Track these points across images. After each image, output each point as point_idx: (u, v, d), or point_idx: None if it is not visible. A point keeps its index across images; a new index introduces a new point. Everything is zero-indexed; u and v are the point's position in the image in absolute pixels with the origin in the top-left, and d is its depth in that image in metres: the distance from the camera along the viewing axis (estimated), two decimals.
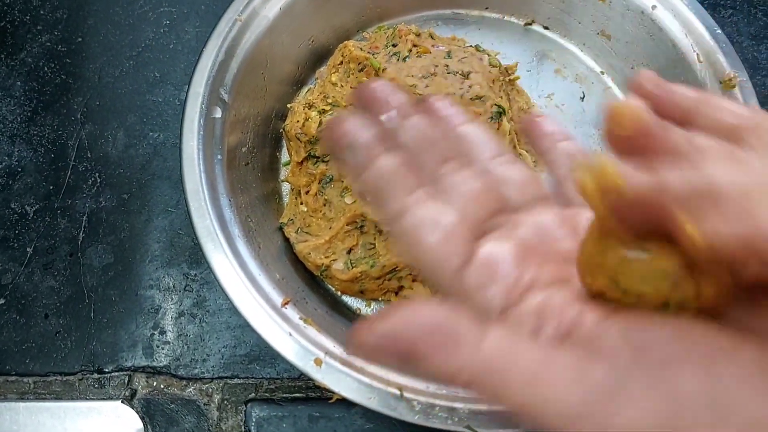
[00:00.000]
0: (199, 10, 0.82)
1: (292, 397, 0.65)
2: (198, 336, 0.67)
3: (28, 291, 0.68)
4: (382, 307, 0.67)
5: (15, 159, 0.73)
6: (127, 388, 0.65)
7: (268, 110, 0.72)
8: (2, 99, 0.76)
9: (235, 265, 0.59)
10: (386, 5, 0.79)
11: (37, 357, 0.66)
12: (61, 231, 0.70)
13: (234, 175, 0.65)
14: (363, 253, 0.64)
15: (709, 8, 0.83)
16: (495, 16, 0.82)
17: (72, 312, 0.67)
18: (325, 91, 0.72)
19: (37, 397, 0.65)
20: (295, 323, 0.58)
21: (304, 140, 0.67)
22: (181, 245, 0.70)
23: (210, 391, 0.65)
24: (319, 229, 0.66)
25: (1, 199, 0.72)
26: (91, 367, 0.66)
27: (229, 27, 0.67)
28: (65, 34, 0.80)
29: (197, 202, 0.60)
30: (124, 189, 0.72)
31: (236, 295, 0.58)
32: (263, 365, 0.66)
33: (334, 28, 0.77)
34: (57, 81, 0.77)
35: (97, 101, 0.76)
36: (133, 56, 0.79)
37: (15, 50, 0.79)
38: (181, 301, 0.68)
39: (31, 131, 0.75)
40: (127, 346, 0.66)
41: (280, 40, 0.71)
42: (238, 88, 0.67)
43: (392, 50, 0.72)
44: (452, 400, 0.55)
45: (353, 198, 0.64)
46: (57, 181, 0.72)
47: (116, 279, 0.69)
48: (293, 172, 0.69)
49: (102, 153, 0.74)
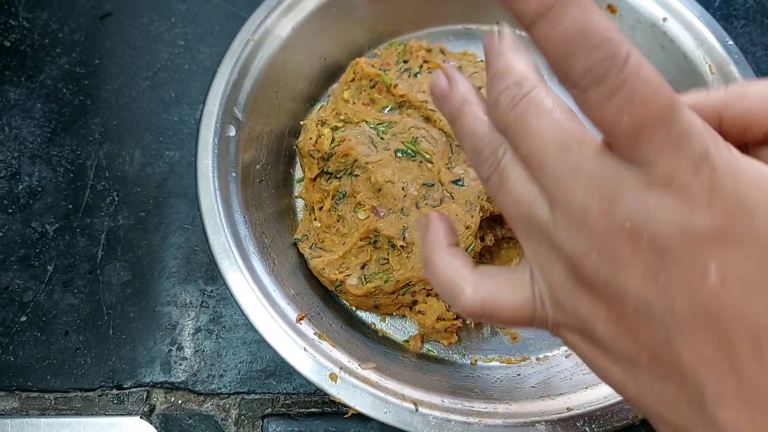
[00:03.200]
0: (213, 31, 0.83)
1: (308, 412, 0.65)
2: (215, 352, 0.68)
3: (48, 308, 0.69)
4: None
5: (35, 179, 0.75)
6: (146, 404, 0.66)
7: (282, 127, 0.73)
8: (23, 120, 0.78)
9: (250, 281, 0.59)
10: (397, 21, 0.80)
11: (58, 373, 0.67)
12: (80, 249, 0.72)
13: (248, 192, 0.66)
14: (377, 268, 0.65)
15: (721, 19, 0.83)
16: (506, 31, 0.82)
17: (91, 329, 0.68)
18: (337, 107, 0.73)
19: (58, 413, 0.66)
20: (310, 338, 0.58)
21: (317, 157, 0.67)
22: (198, 261, 0.71)
23: (227, 406, 0.66)
24: (333, 244, 0.67)
25: (23, 218, 0.73)
26: (111, 383, 0.67)
27: (243, 47, 0.69)
28: (83, 56, 0.82)
29: (212, 220, 0.61)
30: (142, 207, 0.74)
31: (252, 311, 0.58)
32: (279, 380, 0.66)
33: (346, 45, 0.78)
34: (75, 102, 0.79)
35: (114, 121, 0.78)
36: (149, 77, 0.80)
37: (35, 73, 0.81)
38: (198, 317, 0.69)
39: (51, 152, 0.76)
40: (145, 362, 0.67)
41: (292, 58, 0.72)
42: (251, 106, 0.68)
43: (403, 66, 0.73)
44: (467, 414, 0.56)
45: (366, 214, 0.64)
46: (76, 201, 0.74)
47: (134, 296, 0.70)
48: (307, 188, 0.70)
49: (120, 172, 0.75)
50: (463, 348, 0.67)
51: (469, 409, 0.56)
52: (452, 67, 0.43)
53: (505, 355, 0.66)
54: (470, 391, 0.60)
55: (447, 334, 0.65)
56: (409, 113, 0.70)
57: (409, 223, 0.63)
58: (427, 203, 0.64)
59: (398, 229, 0.63)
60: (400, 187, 0.64)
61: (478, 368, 0.65)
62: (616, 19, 0.75)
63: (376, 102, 0.72)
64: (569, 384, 0.60)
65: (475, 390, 0.60)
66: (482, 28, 0.82)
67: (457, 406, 0.56)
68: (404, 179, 0.64)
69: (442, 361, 0.66)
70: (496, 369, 0.65)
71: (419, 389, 0.57)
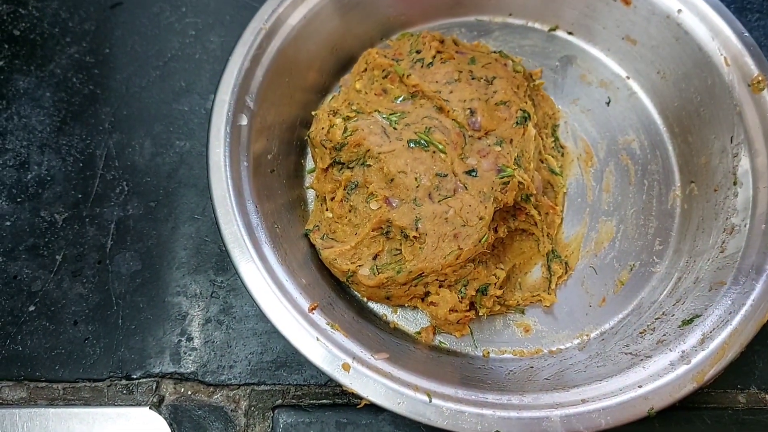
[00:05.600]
0: (224, 20, 0.83)
1: (319, 403, 0.65)
2: (225, 342, 0.67)
3: (57, 298, 0.69)
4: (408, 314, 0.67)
5: (44, 168, 0.74)
6: (155, 395, 0.65)
7: (293, 118, 0.72)
8: (32, 110, 0.77)
9: (262, 270, 0.59)
10: (410, 13, 0.79)
11: (67, 363, 0.66)
12: (89, 239, 0.71)
13: (260, 182, 0.65)
14: (389, 259, 0.64)
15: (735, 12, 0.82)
16: (519, 22, 0.82)
17: (100, 319, 0.68)
18: (349, 98, 0.72)
19: (66, 403, 0.66)
20: (323, 328, 0.58)
21: (329, 147, 0.67)
22: (208, 252, 0.71)
23: (237, 397, 0.65)
24: (344, 235, 0.66)
25: (31, 207, 0.73)
26: (120, 373, 0.66)
27: (255, 35, 0.68)
28: (93, 45, 0.81)
29: (224, 208, 0.61)
30: (151, 197, 0.73)
31: (264, 300, 0.58)
32: (290, 372, 0.66)
33: (358, 36, 0.77)
34: (85, 92, 0.79)
35: (124, 111, 0.77)
36: (159, 66, 0.80)
37: (44, 62, 0.80)
38: (208, 308, 0.68)
39: (60, 141, 0.76)
40: (154, 352, 0.67)
41: (304, 47, 0.72)
42: (263, 95, 0.68)
43: (416, 57, 0.72)
44: (481, 406, 0.55)
45: (378, 204, 0.64)
46: (85, 190, 0.73)
47: (144, 286, 0.69)
48: (318, 178, 0.69)
49: (129, 162, 0.75)
50: (476, 340, 0.66)
51: (483, 401, 0.55)
52: None
53: (517, 348, 0.66)
54: (483, 382, 0.59)
55: (459, 326, 0.65)
56: (422, 103, 0.69)
57: (422, 214, 0.62)
58: (440, 193, 0.63)
59: (411, 219, 0.62)
60: (413, 178, 0.63)
61: (490, 360, 0.65)
62: (631, 10, 0.75)
63: (388, 92, 0.72)
64: (583, 376, 0.59)
65: (488, 382, 0.59)
66: (495, 20, 0.82)
67: (471, 398, 0.56)
68: (417, 169, 0.63)
69: (454, 353, 0.65)
70: (509, 361, 0.65)
71: (432, 380, 0.57)
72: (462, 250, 0.61)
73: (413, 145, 0.65)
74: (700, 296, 0.63)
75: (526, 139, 0.68)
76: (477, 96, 0.68)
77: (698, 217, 0.69)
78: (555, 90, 0.78)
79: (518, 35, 0.81)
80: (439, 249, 0.62)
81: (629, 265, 0.70)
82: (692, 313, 0.61)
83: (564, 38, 0.81)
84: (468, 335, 0.66)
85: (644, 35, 0.75)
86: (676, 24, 0.72)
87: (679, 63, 0.73)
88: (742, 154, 0.67)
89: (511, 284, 0.68)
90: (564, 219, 0.72)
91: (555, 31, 0.81)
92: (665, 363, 0.57)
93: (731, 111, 0.68)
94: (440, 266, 0.61)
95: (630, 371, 0.58)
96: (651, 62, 0.76)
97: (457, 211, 0.62)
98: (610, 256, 0.70)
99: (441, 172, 0.64)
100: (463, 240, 0.61)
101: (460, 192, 0.63)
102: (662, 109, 0.76)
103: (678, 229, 0.71)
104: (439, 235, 0.62)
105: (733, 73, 0.68)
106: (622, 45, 0.78)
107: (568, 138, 0.76)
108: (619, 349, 0.62)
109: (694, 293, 0.63)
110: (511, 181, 0.64)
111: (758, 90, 0.66)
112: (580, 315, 0.67)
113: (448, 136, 0.66)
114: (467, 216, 0.62)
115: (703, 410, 0.65)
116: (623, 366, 0.59)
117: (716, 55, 0.70)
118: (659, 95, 0.76)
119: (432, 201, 0.63)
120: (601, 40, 0.79)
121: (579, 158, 0.75)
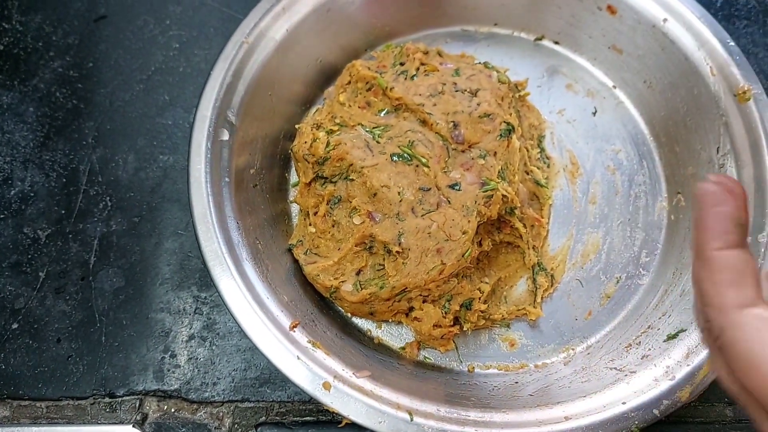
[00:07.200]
0: (209, 33, 0.82)
1: (303, 420, 0.64)
2: (208, 359, 0.67)
3: (40, 315, 0.68)
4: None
5: (27, 184, 0.74)
6: (138, 412, 0.65)
7: (277, 131, 0.72)
8: (15, 125, 0.77)
9: (242, 288, 0.58)
10: (394, 24, 0.79)
11: (50, 381, 0.66)
12: (72, 255, 0.71)
13: (242, 197, 0.65)
14: (372, 275, 0.63)
15: (723, 19, 0.82)
16: (504, 32, 0.81)
17: (83, 336, 0.68)
18: (333, 111, 0.72)
19: (49, 422, 0.65)
20: (304, 346, 0.57)
21: (312, 161, 0.66)
22: (191, 268, 0.70)
23: (221, 414, 0.65)
24: (327, 250, 0.66)
25: (14, 224, 0.72)
26: (103, 391, 0.66)
27: (236, 49, 0.68)
28: (77, 59, 0.81)
29: (205, 226, 0.60)
30: (135, 212, 0.73)
31: (244, 318, 0.57)
32: (274, 388, 0.65)
33: (342, 48, 0.77)
34: (69, 106, 0.78)
35: (108, 125, 0.77)
36: (143, 80, 0.79)
37: (28, 76, 0.80)
38: (192, 324, 0.68)
39: (44, 156, 0.75)
40: (138, 369, 0.66)
41: (287, 60, 0.71)
42: (245, 109, 0.67)
43: (400, 69, 0.72)
44: (463, 424, 0.55)
45: (361, 219, 0.63)
46: (69, 206, 0.73)
47: (127, 302, 0.69)
48: (302, 193, 0.69)
49: (113, 177, 0.74)
50: (461, 355, 0.66)
51: (464, 419, 0.55)
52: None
53: (503, 362, 0.65)
54: (467, 399, 0.58)
55: (443, 341, 0.64)
56: (405, 116, 0.69)
57: (405, 228, 0.62)
58: (424, 208, 0.62)
59: (394, 234, 0.62)
60: (396, 192, 0.63)
61: (475, 375, 0.64)
62: (616, 20, 0.74)
63: (372, 105, 0.71)
64: (568, 392, 0.59)
65: (472, 398, 0.59)
66: (480, 30, 0.81)
67: (453, 416, 0.55)
68: (400, 184, 0.63)
69: (439, 369, 0.65)
70: (494, 376, 0.64)
71: (415, 398, 0.56)
72: (445, 264, 0.61)
73: (396, 158, 0.64)
74: (686, 309, 0.62)
75: (510, 151, 0.67)
76: (460, 109, 0.67)
77: (685, 229, 0.69)
78: (541, 100, 0.78)
79: (504, 45, 0.80)
80: (423, 264, 0.61)
81: (615, 278, 0.69)
82: (678, 328, 0.61)
83: (550, 48, 0.80)
84: (453, 350, 0.66)
85: (630, 44, 0.75)
86: (662, 33, 0.72)
87: (666, 72, 0.73)
88: (729, 164, 0.66)
89: (497, 298, 0.68)
90: (550, 231, 0.71)
91: (541, 41, 0.81)
92: (650, 379, 0.57)
93: (717, 121, 0.67)
94: (423, 281, 0.61)
95: (614, 387, 0.57)
96: (637, 71, 0.75)
97: (440, 225, 0.62)
98: (596, 269, 0.70)
99: (424, 186, 0.63)
100: (446, 255, 0.61)
101: (443, 206, 0.63)
102: (649, 119, 0.76)
103: (665, 240, 0.70)
104: (422, 249, 0.61)
105: (719, 82, 0.68)
106: (608, 54, 0.77)
107: (554, 149, 0.75)
108: (605, 364, 0.62)
109: (680, 306, 0.63)
110: (494, 195, 0.63)
111: (744, 100, 0.66)
112: (566, 329, 0.67)
113: (431, 150, 0.65)
114: (450, 230, 0.62)
115: (690, 424, 0.64)
116: (608, 381, 0.58)
117: (702, 65, 0.69)
118: (646, 105, 0.76)
119: (415, 215, 0.62)
120: (588, 49, 0.79)
121: (565, 169, 0.74)
